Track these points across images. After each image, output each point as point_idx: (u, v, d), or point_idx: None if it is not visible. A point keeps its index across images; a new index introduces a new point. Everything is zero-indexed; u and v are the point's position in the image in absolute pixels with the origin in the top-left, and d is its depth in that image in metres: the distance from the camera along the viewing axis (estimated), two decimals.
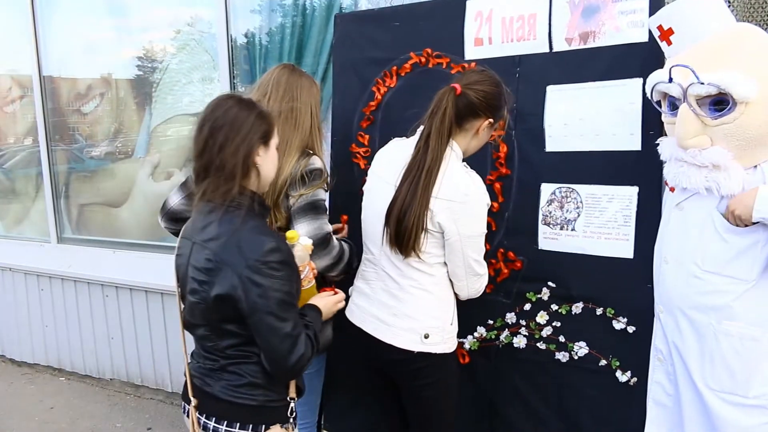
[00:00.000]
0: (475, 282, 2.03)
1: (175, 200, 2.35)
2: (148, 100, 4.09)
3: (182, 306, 1.81)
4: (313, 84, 2.31)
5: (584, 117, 2.16)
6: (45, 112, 4.49)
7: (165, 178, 4.10)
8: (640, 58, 2.05)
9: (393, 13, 2.54)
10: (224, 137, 1.66)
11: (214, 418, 1.73)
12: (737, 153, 1.66)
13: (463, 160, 2.01)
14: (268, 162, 1.76)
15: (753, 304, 1.68)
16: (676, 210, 1.84)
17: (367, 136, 2.59)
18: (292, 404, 1.80)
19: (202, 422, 1.74)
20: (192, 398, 1.76)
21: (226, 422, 1.71)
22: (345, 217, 2.51)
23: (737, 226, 1.68)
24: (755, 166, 1.67)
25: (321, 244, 2.12)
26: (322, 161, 2.21)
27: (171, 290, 3.81)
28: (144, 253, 4.14)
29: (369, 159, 2.56)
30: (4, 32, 4.64)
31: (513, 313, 2.32)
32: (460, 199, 1.91)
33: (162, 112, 4.05)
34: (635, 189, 2.09)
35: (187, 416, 1.81)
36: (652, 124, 2.04)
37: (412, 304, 2.02)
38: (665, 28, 1.82)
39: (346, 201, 2.53)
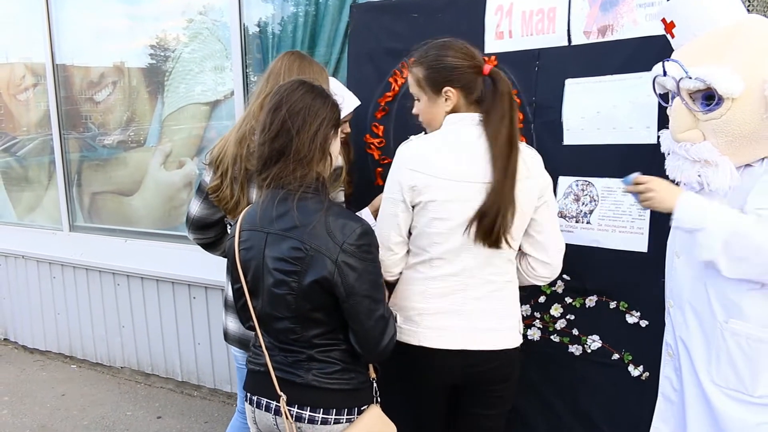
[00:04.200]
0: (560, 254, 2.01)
1: (195, 208, 2.32)
2: (161, 88, 4.09)
3: (251, 301, 1.75)
4: (323, 70, 2.29)
5: (601, 110, 2.16)
6: (58, 100, 4.50)
7: (177, 167, 4.11)
8: (658, 51, 2.03)
9: (411, 5, 2.53)
10: (302, 121, 1.64)
11: (308, 408, 1.70)
12: (726, 149, 1.66)
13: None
14: (335, 151, 1.76)
15: (761, 304, 1.66)
16: None
17: (381, 127, 2.59)
18: (374, 384, 1.82)
19: (294, 413, 1.70)
20: (281, 393, 1.71)
21: (322, 410, 1.69)
22: None
23: (639, 202, 1.78)
24: (762, 159, 1.67)
25: None
26: (341, 157, 2.17)
27: (181, 279, 3.83)
28: (155, 242, 4.16)
29: (383, 150, 2.57)
30: (18, 20, 4.65)
31: (527, 306, 2.33)
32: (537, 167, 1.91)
33: (174, 101, 4.06)
34: None
35: (265, 411, 1.76)
36: (668, 118, 2.03)
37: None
38: (668, 21, 1.82)
39: (359, 191, 2.53)
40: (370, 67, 2.63)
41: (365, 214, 2.29)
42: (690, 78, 1.65)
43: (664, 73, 1.72)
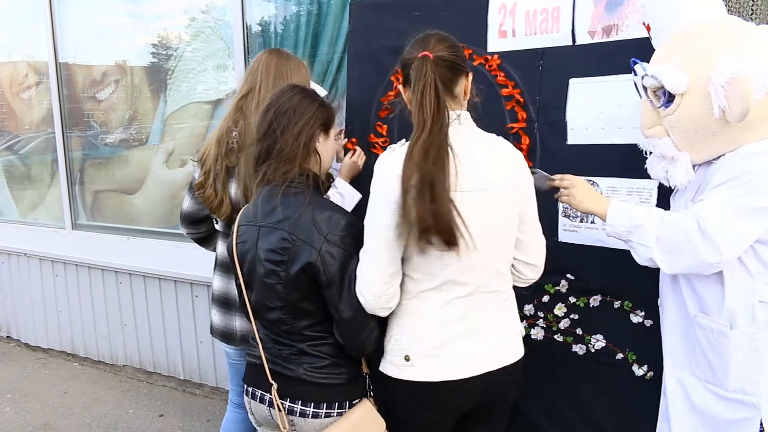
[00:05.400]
0: None
1: (186, 203, 2.42)
2: (163, 87, 4.10)
3: (246, 293, 1.83)
4: (302, 66, 2.33)
5: (606, 110, 2.16)
6: (61, 98, 4.51)
7: (179, 166, 4.11)
8: None
9: (412, 3, 2.52)
10: (287, 121, 1.75)
11: (300, 401, 1.76)
12: (683, 144, 1.71)
13: None
14: (328, 149, 1.85)
15: (719, 299, 1.69)
16: (672, 202, 1.90)
17: (385, 126, 2.58)
18: (367, 378, 1.85)
19: (286, 406, 1.77)
20: (273, 382, 1.79)
21: (313, 404, 1.75)
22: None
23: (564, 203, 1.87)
24: (720, 156, 1.69)
25: None
26: None
27: (183, 278, 3.83)
28: (158, 241, 4.16)
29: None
30: (21, 18, 4.65)
31: (531, 305, 2.32)
32: None
33: (176, 100, 4.06)
34: (655, 182, 2.08)
35: (260, 402, 1.84)
36: None
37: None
38: (645, 24, 1.89)
39: (365, 190, 2.52)
40: (371, 65, 2.62)
41: (340, 183, 2.34)
42: (648, 76, 1.70)
43: (634, 73, 1.78)
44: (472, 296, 1.71)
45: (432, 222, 1.55)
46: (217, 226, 2.42)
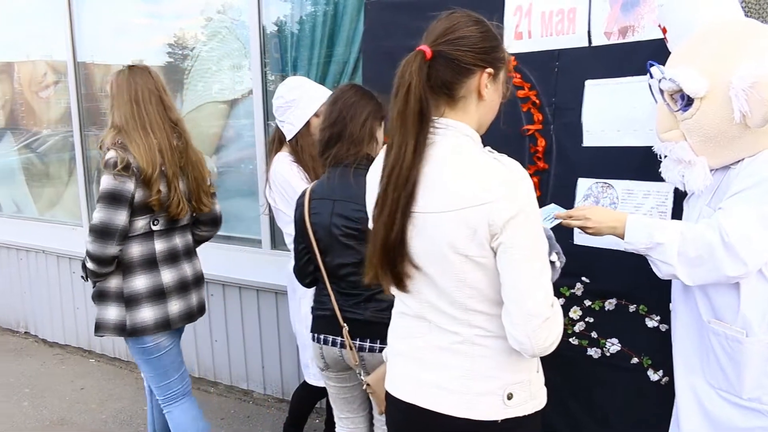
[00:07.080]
0: None
1: (122, 218, 2.32)
2: (179, 87, 4.11)
3: (321, 257, 2.13)
4: (146, 76, 2.58)
5: (622, 112, 2.14)
6: (79, 97, 4.54)
7: None
8: None
9: (428, 3, 2.51)
10: (354, 111, 2.09)
11: (368, 339, 2.10)
12: (701, 149, 1.68)
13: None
14: (382, 137, 2.14)
15: (734, 305, 1.66)
16: (685, 206, 1.88)
17: None
18: None
19: (357, 345, 2.11)
20: (344, 325, 2.12)
21: (379, 340, 2.06)
22: None
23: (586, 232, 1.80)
24: (739, 161, 1.67)
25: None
26: None
27: None
28: None
29: None
30: (40, 18, 4.69)
31: None
32: None
33: (192, 100, 4.07)
34: (672, 185, 2.06)
35: (332, 346, 2.16)
36: None
37: (488, 360, 1.48)
38: (662, 26, 1.88)
39: None
40: (386, 65, 2.59)
41: None
42: (665, 79, 1.68)
43: (651, 76, 1.76)
44: (419, 321, 1.52)
45: (381, 239, 1.46)
46: (156, 227, 2.43)
